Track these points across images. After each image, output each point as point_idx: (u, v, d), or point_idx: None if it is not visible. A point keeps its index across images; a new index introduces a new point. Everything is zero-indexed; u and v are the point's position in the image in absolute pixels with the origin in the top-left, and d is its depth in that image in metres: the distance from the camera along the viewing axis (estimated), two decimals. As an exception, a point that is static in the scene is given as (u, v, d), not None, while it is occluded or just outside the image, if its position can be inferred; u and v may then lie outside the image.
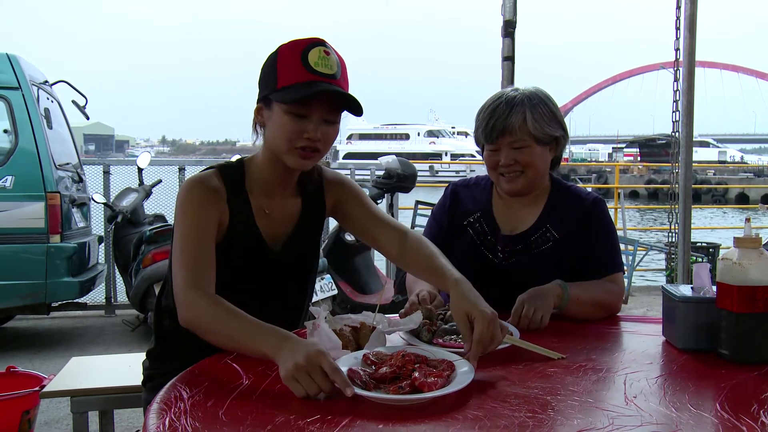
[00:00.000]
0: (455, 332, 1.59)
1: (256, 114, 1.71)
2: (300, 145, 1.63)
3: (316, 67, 1.59)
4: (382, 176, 5.57)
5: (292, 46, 1.62)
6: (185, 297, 1.56)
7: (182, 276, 1.59)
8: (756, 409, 1.20)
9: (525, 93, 1.99)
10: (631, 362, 1.51)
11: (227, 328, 1.50)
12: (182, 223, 1.65)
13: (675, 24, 4.77)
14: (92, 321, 6.13)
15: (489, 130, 1.98)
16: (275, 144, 1.67)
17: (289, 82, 1.59)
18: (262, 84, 1.68)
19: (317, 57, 1.60)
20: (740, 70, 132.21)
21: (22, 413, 2.88)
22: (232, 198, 1.71)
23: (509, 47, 3.91)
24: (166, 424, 1.14)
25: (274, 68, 1.62)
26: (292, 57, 1.60)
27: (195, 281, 1.57)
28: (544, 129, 1.97)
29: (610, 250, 2.06)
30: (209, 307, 1.52)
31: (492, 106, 1.99)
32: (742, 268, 1.45)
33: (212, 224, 1.67)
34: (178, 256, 1.63)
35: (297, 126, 1.61)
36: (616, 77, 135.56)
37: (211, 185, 1.69)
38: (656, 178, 30.99)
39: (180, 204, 1.68)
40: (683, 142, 4.12)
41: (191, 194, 1.68)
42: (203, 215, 1.66)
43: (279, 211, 1.79)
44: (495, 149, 2.01)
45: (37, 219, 5.02)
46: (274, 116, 1.64)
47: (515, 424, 1.13)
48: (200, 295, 1.55)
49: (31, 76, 5.36)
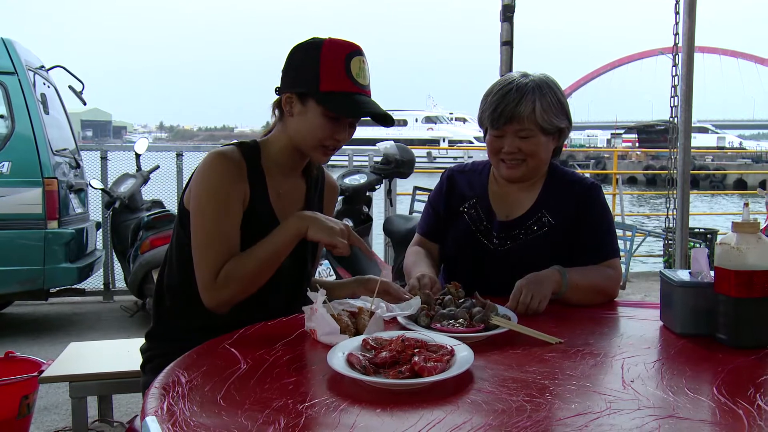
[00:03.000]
0: (453, 317, 1.59)
1: (284, 102, 1.75)
2: (327, 144, 1.74)
3: (357, 78, 1.68)
4: (380, 162, 5.55)
5: (335, 49, 1.68)
6: (205, 285, 1.67)
7: (205, 265, 1.67)
8: (752, 393, 1.20)
9: (535, 80, 1.96)
10: (629, 347, 1.51)
11: (251, 258, 1.66)
12: (207, 201, 1.69)
13: (674, 8, 4.74)
14: (90, 307, 6.13)
15: (497, 116, 1.95)
16: (305, 139, 1.74)
17: (333, 89, 1.66)
18: (299, 78, 1.71)
19: (358, 68, 1.69)
20: (739, 56, 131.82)
21: (20, 398, 2.89)
22: (252, 175, 1.76)
23: (508, 32, 3.89)
24: (165, 408, 1.15)
25: (317, 68, 1.67)
26: (336, 63, 1.67)
27: (217, 268, 1.67)
28: (551, 120, 1.96)
29: (607, 236, 2.06)
30: (223, 271, 1.65)
31: (502, 92, 1.96)
32: (740, 252, 1.45)
33: (238, 201, 1.71)
34: (206, 239, 1.68)
35: (331, 129, 1.71)
36: (615, 63, 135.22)
37: (234, 158, 1.73)
38: (654, 164, 30.93)
39: (204, 179, 1.70)
40: (682, 127, 4.10)
41: (216, 169, 1.71)
42: (229, 192, 1.70)
43: (290, 192, 1.85)
44: (500, 135, 1.99)
45: (34, 205, 5.00)
46: (309, 114, 1.70)
47: (513, 408, 1.13)
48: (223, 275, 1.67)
49: (27, 61, 5.32)
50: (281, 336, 1.57)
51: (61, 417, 3.50)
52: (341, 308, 1.64)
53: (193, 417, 1.11)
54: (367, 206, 5.48)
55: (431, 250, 2.18)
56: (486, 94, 2.03)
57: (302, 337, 1.57)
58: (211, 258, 1.66)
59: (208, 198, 1.68)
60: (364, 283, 1.91)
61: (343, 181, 5.28)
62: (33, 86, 5.23)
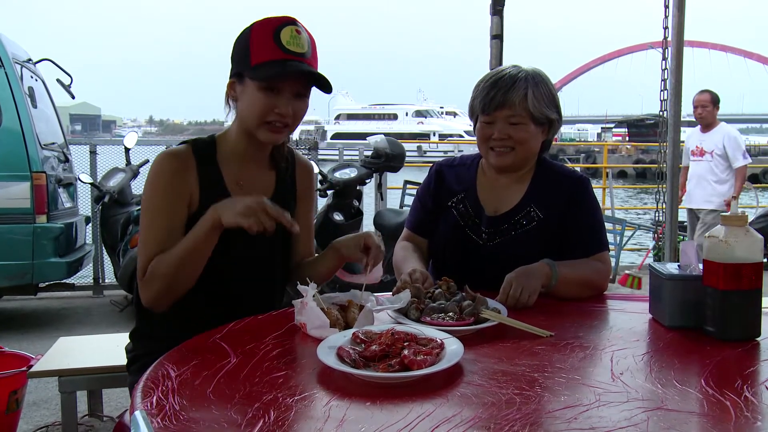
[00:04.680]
0: (443, 310, 1.59)
1: (228, 88, 1.77)
2: (270, 119, 1.71)
3: (288, 46, 1.67)
4: (370, 156, 5.55)
5: (264, 24, 1.69)
6: (140, 280, 1.71)
7: (141, 261, 1.71)
8: (740, 385, 1.21)
9: (527, 71, 1.99)
10: (618, 339, 1.52)
11: (170, 255, 1.66)
12: (151, 200, 1.72)
13: (663, 2, 4.76)
14: (80, 301, 6.11)
15: (488, 100, 1.96)
16: (247, 118, 1.74)
17: (262, 60, 1.66)
18: (234, 60, 1.74)
19: (289, 36, 1.67)
20: (728, 50, 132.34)
21: (9, 393, 2.87)
22: (203, 170, 1.76)
23: (498, 25, 3.90)
24: (154, 403, 1.14)
25: (247, 46, 1.69)
26: (265, 35, 1.67)
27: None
28: (542, 109, 1.97)
29: (596, 230, 2.07)
30: (150, 266, 1.68)
31: (494, 78, 1.99)
32: (728, 245, 1.46)
33: (181, 201, 1.73)
34: (143, 235, 1.72)
35: (269, 102, 1.69)
36: (605, 57, 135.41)
37: (181, 157, 1.75)
38: (644, 157, 31.03)
39: (150, 178, 1.74)
40: (671, 121, 4.12)
41: (159, 170, 1.73)
42: (172, 192, 1.72)
43: (253, 182, 1.83)
44: (490, 121, 2.00)
45: (23, 199, 4.98)
46: (247, 92, 1.71)
47: (503, 401, 1.14)
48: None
49: (13, 54, 5.28)
50: (271, 330, 1.56)
51: (50, 412, 3.49)
52: (331, 302, 1.64)
53: (183, 411, 1.11)
54: (358, 200, 5.48)
55: (420, 245, 2.18)
56: (478, 83, 2.04)
57: (292, 331, 1.57)
58: (144, 256, 1.70)
59: (149, 198, 1.73)
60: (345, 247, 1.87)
61: (333, 175, 5.28)
62: (20, 80, 5.19)
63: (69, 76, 6.03)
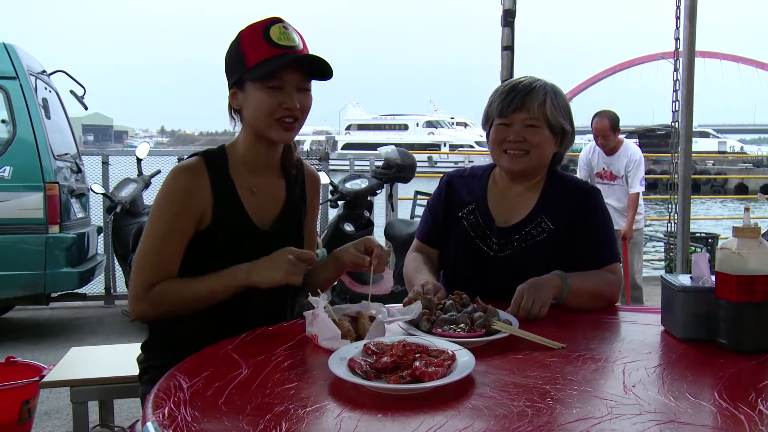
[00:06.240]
0: (454, 322, 1.59)
1: (231, 100, 1.79)
2: (279, 116, 1.72)
3: (280, 42, 1.69)
4: (381, 166, 5.56)
5: (251, 28, 1.72)
6: (137, 294, 1.72)
7: (141, 274, 1.72)
8: (754, 398, 1.20)
9: (546, 82, 2.04)
10: (630, 351, 1.51)
11: (189, 288, 1.69)
12: (158, 215, 1.74)
13: (675, 13, 4.75)
14: (92, 311, 6.13)
15: (507, 103, 2.00)
16: (257, 121, 1.75)
17: (258, 60, 1.68)
18: (230, 70, 1.76)
19: (279, 33, 1.70)
20: (740, 60, 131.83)
21: (21, 403, 2.89)
22: (216, 180, 1.77)
23: (509, 37, 3.90)
24: (166, 414, 1.15)
25: (240, 52, 1.71)
26: (255, 37, 1.70)
27: (150, 281, 1.70)
28: (558, 118, 2.00)
29: (606, 241, 2.06)
30: (160, 287, 1.70)
31: (513, 84, 2.04)
32: (740, 257, 1.45)
33: (189, 221, 1.74)
34: (143, 250, 1.73)
35: (274, 99, 1.71)
36: (616, 67, 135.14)
37: (197, 171, 1.76)
38: (656, 168, 30.86)
39: (162, 193, 1.75)
40: (683, 132, 4.11)
41: (174, 185, 1.74)
42: (181, 213, 1.73)
43: (265, 190, 1.85)
44: (506, 123, 2.01)
45: (35, 209, 5.01)
46: (250, 96, 1.72)
47: (514, 413, 1.13)
48: (152, 289, 1.71)
49: (28, 66, 5.34)
50: (282, 341, 1.57)
51: (61, 422, 3.50)
52: (342, 313, 1.64)
53: (194, 422, 1.11)
54: (368, 211, 5.49)
55: (431, 256, 2.18)
56: (495, 89, 2.09)
57: (303, 342, 1.57)
58: (149, 270, 1.71)
59: (161, 213, 1.74)
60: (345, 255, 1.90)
61: (344, 185, 5.29)
62: (35, 91, 5.24)
63: (82, 87, 6.08)
